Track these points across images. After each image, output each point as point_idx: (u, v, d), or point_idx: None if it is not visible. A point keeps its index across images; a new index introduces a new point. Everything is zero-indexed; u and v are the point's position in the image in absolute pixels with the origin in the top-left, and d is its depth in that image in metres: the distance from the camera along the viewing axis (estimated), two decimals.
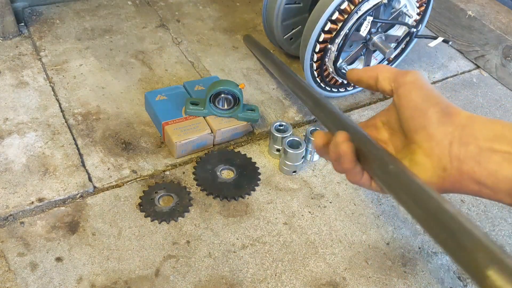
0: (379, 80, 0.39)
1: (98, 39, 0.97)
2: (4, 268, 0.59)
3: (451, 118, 0.35)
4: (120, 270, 0.60)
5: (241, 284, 0.60)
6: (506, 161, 0.33)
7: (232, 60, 0.96)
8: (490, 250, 0.26)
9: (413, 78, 0.37)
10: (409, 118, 0.36)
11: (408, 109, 0.36)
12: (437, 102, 0.36)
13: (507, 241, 0.70)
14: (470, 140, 0.34)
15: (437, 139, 0.35)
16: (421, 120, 0.36)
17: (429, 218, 0.30)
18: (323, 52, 0.79)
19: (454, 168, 0.34)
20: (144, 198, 0.68)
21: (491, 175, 0.33)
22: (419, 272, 0.64)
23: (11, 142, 0.74)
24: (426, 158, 0.36)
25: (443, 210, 0.29)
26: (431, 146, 0.35)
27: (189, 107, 0.76)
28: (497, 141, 0.34)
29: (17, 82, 0.84)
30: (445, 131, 0.35)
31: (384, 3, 0.76)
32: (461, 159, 0.34)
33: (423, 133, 0.36)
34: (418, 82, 0.37)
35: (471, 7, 1.03)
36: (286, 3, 0.85)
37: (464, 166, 0.34)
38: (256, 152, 0.78)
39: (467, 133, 0.35)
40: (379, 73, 0.39)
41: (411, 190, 0.32)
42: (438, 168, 0.35)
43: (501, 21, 1.00)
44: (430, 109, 0.35)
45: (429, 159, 0.35)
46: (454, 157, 0.34)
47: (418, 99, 0.36)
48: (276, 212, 0.69)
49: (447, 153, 0.35)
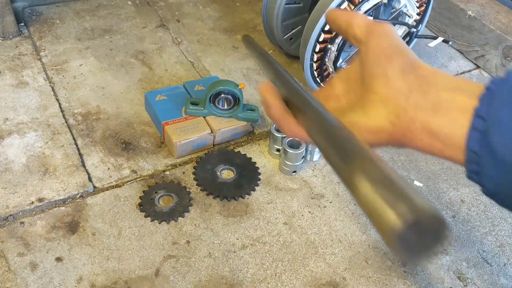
0: (353, 25, 0.38)
1: (98, 39, 0.97)
2: (4, 268, 0.59)
3: (415, 69, 0.34)
4: (120, 270, 0.60)
5: (241, 284, 0.60)
6: (463, 113, 0.31)
7: (232, 60, 0.96)
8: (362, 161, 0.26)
9: (386, 29, 0.36)
10: (373, 63, 0.35)
11: (374, 54, 0.35)
12: (404, 53, 0.35)
13: (507, 241, 0.70)
14: (430, 89, 0.33)
15: (396, 86, 0.34)
16: (385, 66, 0.34)
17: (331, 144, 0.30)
18: (323, 52, 0.79)
19: (409, 116, 0.33)
20: (144, 198, 0.68)
21: (446, 127, 0.32)
22: (419, 272, 0.64)
23: (11, 142, 0.74)
24: (381, 105, 0.34)
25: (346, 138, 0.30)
26: (388, 92, 0.34)
27: (189, 107, 0.76)
28: (457, 92, 0.32)
29: (17, 82, 0.84)
30: (406, 79, 0.34)
31: (384, 3, 0.76)
32: (418, 107, 0.33)
33: (384, 80, 0.34)
34: (390, 32, 0.36)
35: (471, 7, 1.03)
36: (286, 3, 0.85)
37: (420, 114, 0.33)
38: (256, 152, 0.78)
39: (428, 83, 0.33)
40: (355, 19, 0.38)
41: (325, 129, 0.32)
42: (392, 114, 0.34)
43: (501, 21, 1.00)
44: (396, 58, 0.35)
45: (384, 105, 0.34)
46: (411, 104, 0.33)
47: (387, 46, 0.35)
48: (276, 212, 0.69)
49: (404, 100, 0.33)
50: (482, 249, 0.68)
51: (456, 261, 0.66)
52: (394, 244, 0.24)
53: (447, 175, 0.78)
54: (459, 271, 0.65)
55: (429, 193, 0.75)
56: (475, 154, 0.30)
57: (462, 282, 0.64)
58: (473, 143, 0.30)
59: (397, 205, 0.24)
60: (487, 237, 0.70)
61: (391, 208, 0.24)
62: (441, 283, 0.63)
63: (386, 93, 0.34)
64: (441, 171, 0.79)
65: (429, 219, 0.23)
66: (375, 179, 0.25)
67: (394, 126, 0.34)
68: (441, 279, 0.64)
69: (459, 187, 0.77)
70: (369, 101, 0.35)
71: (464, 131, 0.31)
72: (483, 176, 0.30)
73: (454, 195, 0.76)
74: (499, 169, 0.29)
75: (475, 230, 0.71)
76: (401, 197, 0.24)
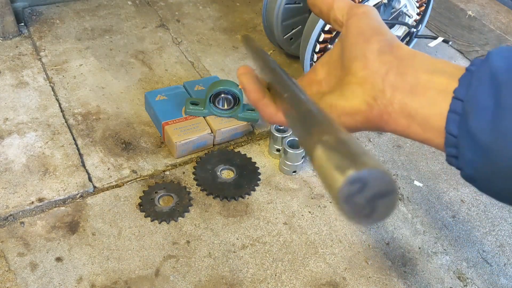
0: (334, 8, 0.38)
1: (98, 39, 0.97)
2: (4, 268, 0.59)
3: (393, 49, 0.33)
4: (120, 270, 0.60)
5: (241, 284, 0.60)
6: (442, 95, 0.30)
7: (232, 60, 0.96)
8: (320, 130, 0.26)
9: (366, 10, 0.36)
10: (352, 45, 0.35)
11: (353, 36, 0.35)
12: (383, 33, 0.34)
13: (507, 241, 0.70)
14: (408, 71, 0.32)
15: (374, 68, 0.33)
16: (363, 47, 0.34)
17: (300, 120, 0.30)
18: (323, 52, 0.79)
19: (386, 98, 0.32)
20: (144, 198, 0.68)
21: (423, 109, 0.31)
22: (419, 272, 0.64)
23: (11, 142, 0.74)
24: (358, 86, 0.34)
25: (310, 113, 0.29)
26: (366, 74, 0.33)
27: (189, 107, 0.76)
28: (436, 74, 0.31)
29: (17, 82, 0.84)
30: (384, 60, 0.33)
31: (384, 3, 0.76)
32: (395, 88, 0.32)
33: (361, 61, 0.34)
34: (369, 13, 0.36)
35: (471, 7, 1.03)
36: (286, 3, 0.85)
37: (397, 96, 0.32)
38: (256, 152, 0.78)
39: (406, 64, 0.32)
40: (336, 2, 0.38)
41: (296, 107, 0.32)
42: (369, 96, 0.33)
43: (501, 21, 1.00)
44: (374, 37, 0.34)
45: (361, 86, 0.33)
46: (388, 86, 0.32)
47: (366, 27, 0.35)
48: (276, 212, 0.69)
49: (382, 81, 0.32)
50: (482, 249, 0.68)
51: (456, 261, 0.66)
52: (339, 202, 0.23)
53: (447, 175, 0.78)
54: (459, 271, 0.65)
55: (429, 193, 0.75)
56: (454, 138, 0.29)
57: (462, 282, 0.64)
58: (451, 126, 0.29)
59: (341, 163, 0.23)
60: (487, 237, 0.70)
61: (335, 167, 0.23)
62: (441, 283, 0.63)
63: (363, 74, 0.33)
64: (441, 171, 0.79)
65: (372, 174, 0.22)
66: (327, 145, 0.25)
67: (371, 108, 0.33)
68: (441, 279, 0.64)
69: (459, 187, 0.77)
70: (347, 83, 0.35)
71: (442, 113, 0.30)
72: (462, 160, 0.29)
73: (454, 195, 0.76)
74: (478, 153, 0.28)
75: (475, 230, 0.71)
76: (347, 156, 0.23)
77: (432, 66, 0.32)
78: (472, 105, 0.28)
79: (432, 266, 0.65)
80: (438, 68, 0.31)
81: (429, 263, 0.65)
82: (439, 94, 0.30)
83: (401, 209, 0.72)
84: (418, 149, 0.82)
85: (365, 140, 0.83)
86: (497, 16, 1.02)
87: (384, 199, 0.24)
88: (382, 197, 0.24)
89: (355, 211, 0.24)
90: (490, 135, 0.27)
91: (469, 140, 0.28)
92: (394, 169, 0.79)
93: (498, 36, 0.98)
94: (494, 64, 0.29)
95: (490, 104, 0.28)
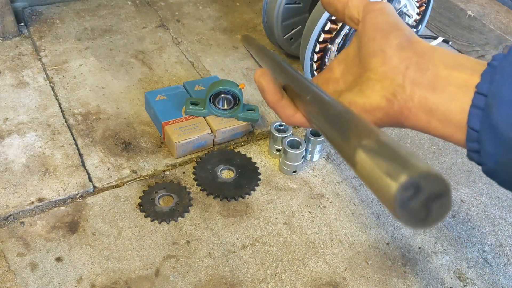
0: (349, 5, 0.38)
1: (98, 39, 0.97)
2: (4, 268, 0.59)
3: (413, 45, 0.33)
4: (120, 270, 0.60)
5: (241, 284, 0.60)
6: (463, 90, 0.30)
7: (232, 60, 0.96)
8: (358, 134, 0.26)
9: (383, 6, 0.36)
10: (369, 41, 0.35)
11: (370, 32, 0.35)
12: (401, 28, 0.34)
13: (507, 241, 0.70)
14: (429, 66, 0.32)
15: (393, 63, 0.33)
16: (382, 42, 0.34)
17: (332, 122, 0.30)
18: (323, 52, 0.79)
19: (406, 93, 0.32)
20: (144, 198, 0.68)
21: (444, 104, 0.31)
22: (419, 272, 0.64)
23: (11, 142, 0.74)
24: (377, 82, 0.33)
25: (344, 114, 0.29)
26: (385, 70, 0.33)
27: (189, 107, 0.76)
28: (457, 69, 0.31)
29: (17, 82, 0.84)
30: (403, 55, 0.33)
31: None
32: (416, 84, 0.32)
33: (380, 57, 0.33)
34: (386, 9, 0.36)
35: (471, 7, 1.03)
36: (286, 3, 0.85)
37: (417, 91, 0.32)
38: (256, 152, 0.78)
39: (426, 60, 0.32)
40: None
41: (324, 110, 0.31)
42: (388, 92, 0.33)
43: (501, 21, 1.00)
44: (393, 33, 0.34)
45: (380, 82, 0.33)
46: (408, 81, 0.32)
47: (383, 23, 0.34)
48: (276, 212, 0.69)
49: (401, 77, 0.32)
50: (482, 249, 0.68)
51: (456, 261, 0.66)
52: (395, 210, 0.23)
53: (447, 175, 0.78)
54: (459, 271, 0.65)
55: None
56: (476, 132, 0.29)
57: (462, 282, 0.64)
58: (474, 120, 0.29)
59: (390, 168, 0.23)
60: (487, 237, 0.70)
61: (386, 173, 0.23)
62: (441, 283, 0.63)
63: (383, 70, 0.33)
64: (441, 171, 0.79)
65: (426, 178, 0.22)
66: (370, 149, 0.25)
67: (390, 103, 0.33)
68: (441, 279, 0.64)
69: (459, 187, 0.77)
70: (366, 79, 0.34)
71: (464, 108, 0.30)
72: (484, 154, 0.29)
73: (454, 195, 0.76)
74: (500, 147, 0.28)
75: (475, 230, 0.71)
76: (395, 160, 0.23)
77: (452, 61, 0.32)
78: (496, 99, 0.28)
79: (432, 266, 0.65)
80: (459, 63, 0.31)
81: (429, 263, 0.65)
82: (460, 89, 0.30)
83: None
84: (418, 148, 0.82)
85: None
86: (497, 16, 1.02)
87: (438, 200, 0.23)
88: (436, 199, 0.23)
89: (411, 216, 0.23)
90: None
91: (491, 134, 0.28)
92: None
93: (498, 36, 0.98)
94: None
95: None
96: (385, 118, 0.34)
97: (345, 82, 0.39)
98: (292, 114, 0.39)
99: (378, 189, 0.23)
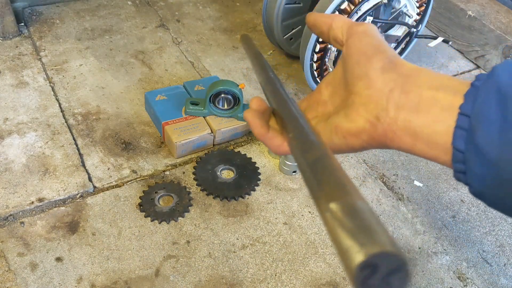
0: (333, 27, 0.38)
1: (98, 39, 0.97)
2: (4, 268, 0.59)
3: (396, 67, 0.33)
4: (120, 270, 0.60)
5: (241, 284, 0.60)
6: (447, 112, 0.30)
7: (232, 60, 0.96)
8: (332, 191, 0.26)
9: (366, 29, 0.36)
10: (354, 64, 0.35)
11: (354, 55, 0.35)
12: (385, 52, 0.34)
13: (507, 241, 0.70)
14: (412, 88, 0.32)
15: (377, 86, 0.33)
16: (365, 66, 0.34)
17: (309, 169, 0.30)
18: (323, 52, 0.79)
19: (389, 116, 0.32)
20: (144, 198, 0.68)
21: (429, 126, 0.31)
22: (419, 272, 0.64)
23: (11, 142, 0.74)
24: (362, 106, 0.34)
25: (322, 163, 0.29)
26: (370, 93, 0.33)
27: (189, 107, 0.76)
28: (441, 90, 0.31)
29: (17, 82, 0.84)
30: (387, 78, 0.33)
31: (384, 3, 0.76)
32: (399, 106, 0.32)
33: (365, 81, 0.34)
34: (369, 32, 0.36)
35: (471, 7, 1.03)
36: (286, 3, 0.85)
37: (401, 114, 0.32)
38: (256, 152, 0.78)
39: (410, 82, 0.32)
40: (334, 21, 0.38)
41: (305, 155, 0.31)
42: (372, 115, 0.33)
43: (501, 21, 1.00)
44: (376, 56, 0.34)
45: (365, 106, 0.33)
46: (392, 104, 0.32)
47: (367, 46, 0.35)
48: (276, 212, 0.69)
49: (385, 100, 0.32)
50: (482, 249, 0.68)
51: (456, 261, 0.66)
52: (354, 280, 0.23)
53: (447, 175, 0.78)
54: (459, 271, 0.65)
55: (429, 193, 0.75)
56: (461, 153, 0.29)
57: (462, 282, 0.64)
58: (458, 142, 0.29)
59: (349, 245, 0.23)
60: (487, 237, 0.70)
61: (345, 248, 0.23)
62: (441, 283, 0.63)
63: (367, 94, 0.33)
64: (441, 171, 0.79)
65: (382, 257, 0.23)
66: (335, 216, 0.25)
67: (374, 127, 0.33)
68: (441, 279, 0.64)
69: (459, 187, 0.77)
70: (351, 103, 0.35)
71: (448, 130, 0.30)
72: (470, 175, 0.29)
73: (454, 195, 0.76)
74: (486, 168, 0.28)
75: (475, 230, 0.71)
76: (355, 236, 0.23)
77: (436, 82, 0.32)
78: (479, 120, 0.28)
79: (432, 266, 0.65)
80: (442, 84, 0.31)
81: (429, 263, 0.65)
82: (444, 110, 0.30)
83: (401, 209, 0.72)
84: None
85: None
86: (497, 16, 1.02)
87: (397, 274, 0.24)
88: (395, 273, 0.24)
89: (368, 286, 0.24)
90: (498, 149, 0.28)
91: (477, 155, 0.29)
92: (394, 169, 0.79)
93: (498, 36, 0.98)
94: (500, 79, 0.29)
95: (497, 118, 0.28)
96: (371, 141, 0.34)
97: (333, 104, 0.39)
98: (280, 144, 0.39)
99: (342, 261, 0.24)
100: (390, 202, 0.73)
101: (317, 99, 0.41)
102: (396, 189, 0.75)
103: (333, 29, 0.38)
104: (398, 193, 0.75)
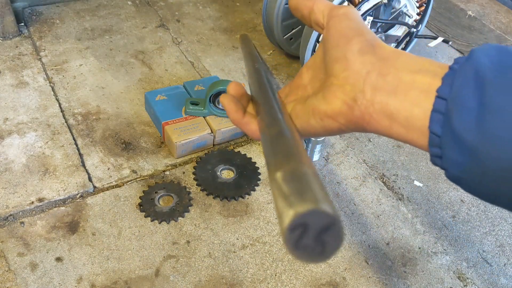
0: (314, 11, 0.38)
1: (98, 39, 0.97)
2: (4, 268, 0.59)
3: (375, 49, 0.33)
4: (120, 270, 0.60)
5: (241, 284, 0.60)
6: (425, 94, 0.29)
7: (232, 60, 0.96)
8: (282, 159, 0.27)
9: (346, 11, 0.36)
10: (333, 47, 0.34)
11: (334, 38, 0.35)
12: (364, 33, 0.34)
13: (507, 241, 0.70)
14: (390, 70, 0.31)
15: (354, 68, 0.32)
16: (344, 48, 0.33)
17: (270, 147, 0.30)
18: None
19: (366, 98, 0.32)
20: (144, 198, 0.68)
21: (406, 109, 0.30)
22: (419, 272, 0.64)
23: (11, 142, 0.74)
24: (339, 88, 0.33)
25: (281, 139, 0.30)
26: (347, 75, 0.33)
27: (189, 107, 0.76)
28: (420, 73, 0.30)
29: (17, 82, 0.84)
30: (365, 60, 0.32)
31: (384, 3, 0.76)
32: (376, 88, 0.31)
33: (342, 63, 0.33)
34: (350, 14, 0.35)
35: (471, 7, 1.03)
36: (286, 3, 0.85)
37: (378, 96, 0.31)
38: (256, 152, 0.78)
39: (389, 64, 0.32)
40: (316, 4, 0.38)
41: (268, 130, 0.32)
42: (349, 97, 0.33)
43: (501, 21, 1.00)
44: (355, 38, 0.33)
45: (342, 88, 0.33)
46: (368, 86, 0.32)
47: (346, 28, 0.34)
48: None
49: (362, 82, 0.32)
50: (482, 249, 0.68)
51: (456, 261, 0.66)
52: (292, 252, 0.23)
53: None
54: (459, 271, 0.65)
55: (429, 193, 0.75)
56: (438, 137, 0.29)
57: (462, 282, 0.64)
58: (435, 125, 0.29)
59: (281, 207, 0.23)
60: (487, 237, 0.70)
61: (279, 212, 0.23)
62: (441, 283, 0.63)
63: (344, 76, 0.33)
64: (441, 171, 0.79)
65: (309, 215, 0.22)
66: (276, 182, 0.25)
67: (351, 109, 0.33)
68: (441, 279, 0.64)
69: (459, 187, 0.77)
70: (329, 85, 0.34)
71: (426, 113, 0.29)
72: (446, 160, 0.29)
73: (454, 195, 0.76)
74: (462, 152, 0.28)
75: (475, 230, 0.71)
76: (287, 198, 0.23)
77: (415, 66, 0.31)
78: (456, 104, 0.28)
79: (432, 266, 0.65)
80: (422, 67, 0.31)
81: (429, 263, 0.65)
82: (422, 93, 0.30)
83: (401, 209, 0.72)
84: (418, 149, 0.82)
85: (365, 140, 0.83)
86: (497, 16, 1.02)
87: (330, 231, 0.23)
88: (327, 231, 0.23)
89: (308, 254, 0.24)
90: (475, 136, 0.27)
91: (453, 140, 0.28)
92: (394, 169, 0.79)
93: (498, 36, 0.98)
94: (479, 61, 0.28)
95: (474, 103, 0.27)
96: (348, 124, 0.34)
97: (312, 87, 0.39)
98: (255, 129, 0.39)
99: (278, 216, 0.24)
100: (390, 202, 0.73)
101: (298, 83, 0.41)
102: (396, 189, 0.75)
103: (314, 12, 0.38)
104: (398, 193, 0.75)
